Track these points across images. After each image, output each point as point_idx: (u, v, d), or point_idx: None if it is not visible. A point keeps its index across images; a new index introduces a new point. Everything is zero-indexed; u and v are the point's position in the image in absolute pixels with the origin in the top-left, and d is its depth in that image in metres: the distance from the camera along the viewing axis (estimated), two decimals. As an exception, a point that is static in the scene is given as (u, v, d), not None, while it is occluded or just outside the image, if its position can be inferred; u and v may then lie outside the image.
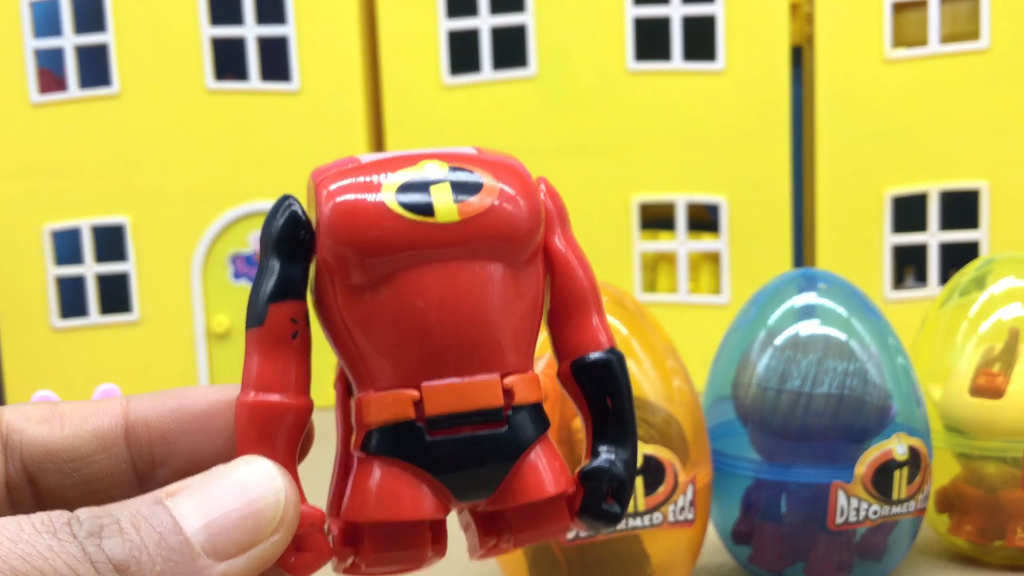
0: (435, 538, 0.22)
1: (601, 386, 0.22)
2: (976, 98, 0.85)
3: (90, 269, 0.92)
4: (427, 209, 0.19)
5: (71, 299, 0.93)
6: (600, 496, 0.21)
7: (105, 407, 0.24)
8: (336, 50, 0.88)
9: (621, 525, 0.41)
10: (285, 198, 0.21)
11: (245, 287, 0.90)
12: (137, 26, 0.88)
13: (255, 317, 0.21)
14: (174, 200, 0.90)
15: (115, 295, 0.93)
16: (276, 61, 0.89)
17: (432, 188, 0.20)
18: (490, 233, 0.20)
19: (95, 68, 0.90)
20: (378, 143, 0.91)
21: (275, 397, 0.22)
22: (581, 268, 0.22)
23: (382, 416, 0.21)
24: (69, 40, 0.89)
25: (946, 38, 0.85)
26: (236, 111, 0.89)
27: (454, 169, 0.20)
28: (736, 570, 0.50)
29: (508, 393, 0.20)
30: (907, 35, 0.86)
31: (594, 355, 0.22)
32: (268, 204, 0.89)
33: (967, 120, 0.86)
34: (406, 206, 0.19)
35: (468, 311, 0.20)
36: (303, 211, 0.21)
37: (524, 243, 0.20)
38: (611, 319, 0.45)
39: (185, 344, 0.91)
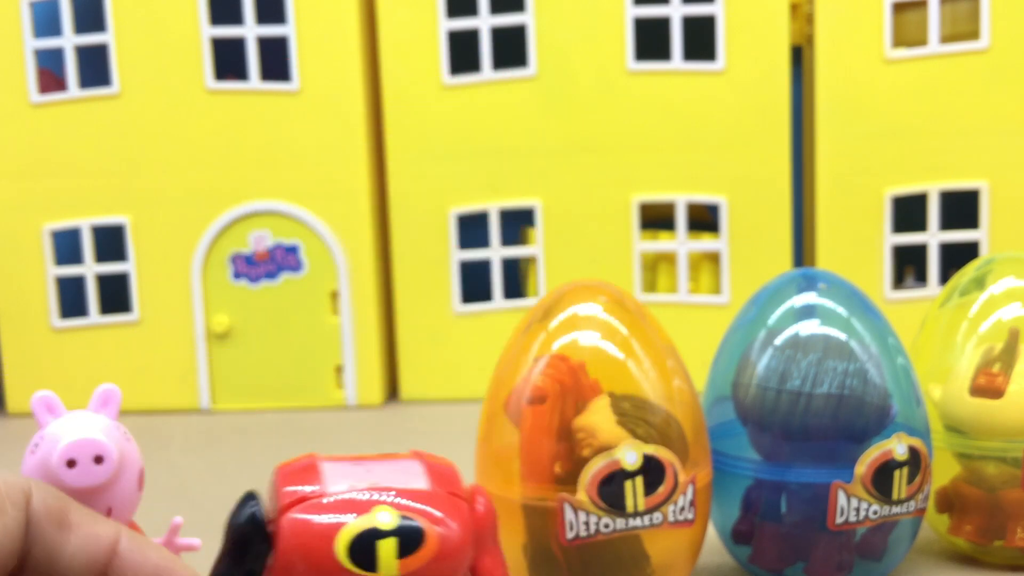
0: None
1: None
2: (976, 98, 0.85)
3: (90, 269, 0.92)
4: (372, 565, 0.22)
5: (71, 299, 0.93)
6: None
7: (102, 540, 0.24)
8: (336, 50, 0.88)
9: (621, 525, 0.42)
10: (248, 499, 0.23)
11: (245, 287, 0.90)
12: (137, 26, 0.88)
13: None
14: (174, 200, 0.90)
15: (115, 295, 0.93)
16: (276, 61, 0.89)
17: (379, 543, 0.22)
18: None
19: (95, 68, 0.90)
20: (378, 143, 0.91)
21: None
22: None
23: None
24: (69, 40, 0.89)
25: (946, 38, 0.85)
26: (236, 111, 0.89)
27: (404, 519, 0.22)
28: (736, 570, 0.50)
29: None
30: (907, 35, 0.86)
31: None
32: (268, 204, 0.89)
33: (967, 120, 0.86)
34: (355, 561, 0.22)
35: None
36: (262, 516, 0.23)
37: None
38: (611, 319, 0.45)
39: (185, 344, 0.91)
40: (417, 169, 0.90)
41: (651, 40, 0.88)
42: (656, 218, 0.90)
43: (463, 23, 0.88)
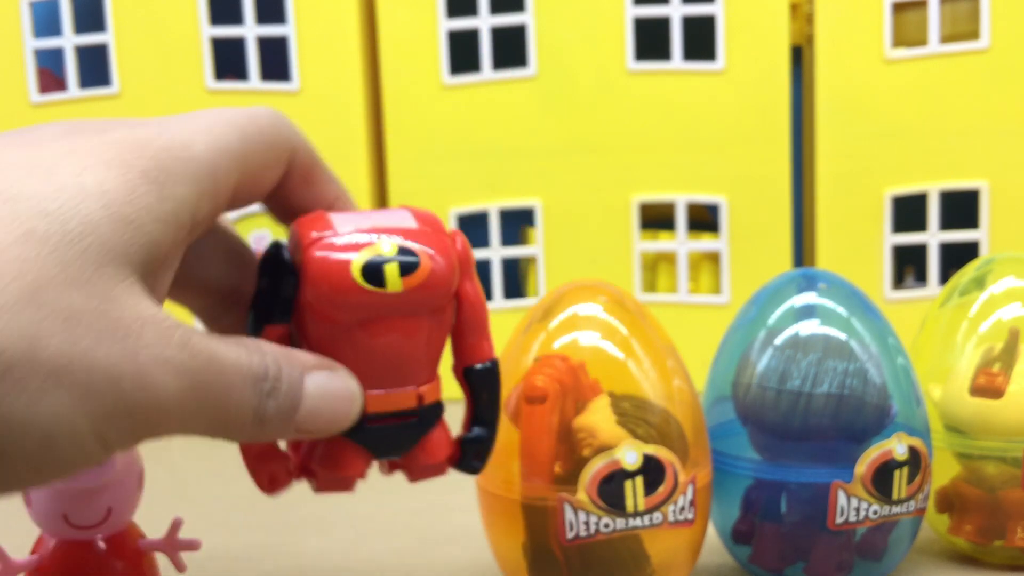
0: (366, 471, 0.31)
1: (482, 386, 0.32)
2: (976, 98, 0.85)
3: (90, 269, 0.91)
4: (381, 283, 0.28)
5: (71, 299, 0.93)
6: (469, 456, 0.32)
7: (327, 196, 0.33)
8: (336, 50, 0.88)
9: (621, 524, 0.42)
10: (276, 244, 0.30)
11: (245, 287, 0.90)
12: (137, 26, 0.88)
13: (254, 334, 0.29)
14: (174, 200, 0.90)
15: (115, 295, 0.93)
16: (276, 61, 0.89)
17: (385, 267, 0.28)
18: (422, 297, 0.29)
19: (95, 68, 0.90)
20: (378, 143, 0.91)
21: None
22: (483, 305, 0.32)
23: None
24: (69, 40, 0.89)
25: (946, 38, 0.85)
26: (236, 111, 0.89)
27: (402, 250, 0.28)
28: (736, 570, 0.50)
29: (420, 397, 0.30)
30: (907, 35, 0.86)
31: (480, 365, 0.32)
32: (268, 204, 0.89)
33: (967, 120, 0.86)
34: (368, 280, 0.28)
35: (401, 349, 0.29)
36: (291, 260, 0.29)
37: (442, 301, 0.30)
38: (611, 319, 0.45)
39: (185, 344, 0.91)
40: (417, 169, 0.90)
41: (651, 40, 0.87)
42: (656, 218, 0.90)
43: (463, 23, 0.88)
